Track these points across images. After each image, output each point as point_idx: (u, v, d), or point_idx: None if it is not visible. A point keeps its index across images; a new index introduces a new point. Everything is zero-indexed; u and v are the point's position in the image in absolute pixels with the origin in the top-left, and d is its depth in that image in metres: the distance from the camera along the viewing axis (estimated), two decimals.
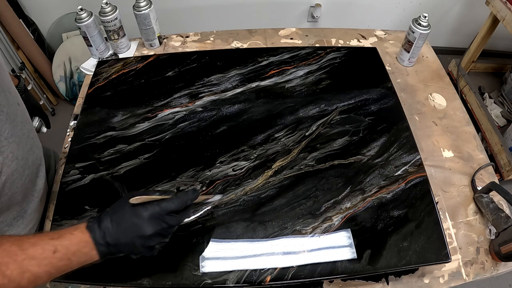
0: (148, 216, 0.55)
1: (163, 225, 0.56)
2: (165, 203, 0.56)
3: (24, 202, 0.71)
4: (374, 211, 0.75)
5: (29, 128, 0.72)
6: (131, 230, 0.54)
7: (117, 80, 0.99)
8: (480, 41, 1.92)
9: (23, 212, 0.72)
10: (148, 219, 0.55)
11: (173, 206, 0.57)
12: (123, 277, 0.67)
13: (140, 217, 0.55)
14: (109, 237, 0.53)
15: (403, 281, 0.77)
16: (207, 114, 0.91)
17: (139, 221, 0.54)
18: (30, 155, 0.70)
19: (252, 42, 1.24)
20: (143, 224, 0.54)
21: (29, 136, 0.71)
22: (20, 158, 0.65)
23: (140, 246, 0.55)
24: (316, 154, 0.83)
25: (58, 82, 2.04)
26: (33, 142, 0.73)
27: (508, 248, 0.75)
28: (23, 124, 0.68)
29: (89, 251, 0.53)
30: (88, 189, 0.78)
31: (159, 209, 0.56)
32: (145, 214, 0.55)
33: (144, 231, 0.54)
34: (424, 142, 0.98)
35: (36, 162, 0.74)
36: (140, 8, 1.10)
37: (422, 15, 1.07)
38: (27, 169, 0.69)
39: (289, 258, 0.69)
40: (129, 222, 0.54)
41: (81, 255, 0.53)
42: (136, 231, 0.54)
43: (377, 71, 1.03)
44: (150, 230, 0.54)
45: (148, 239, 0.55)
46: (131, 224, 0.54)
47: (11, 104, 0.64)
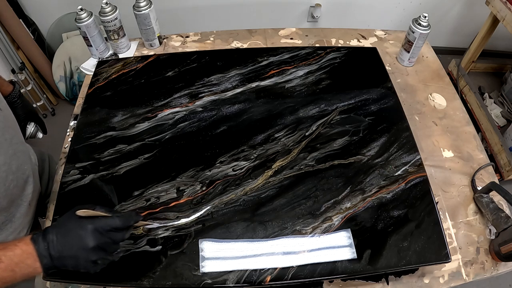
0: (92, 229, 0.56)
1: (106, 239, 0.57)
2: (110, 219, 0.58)
3: (11, 207, 0.71)
4: (374, 211, 0.75)
5: (13, 134, 0.71)
6: (75, 242, 0.55)
7: (117, 80, 0.99)
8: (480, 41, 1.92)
9: (11, 217, 0.72)
10: (92, 232, 0.56)
11: (118, 223, 0.58)
12: (123, 277, 0.67)
13: (84, 229, 0.56)
14: (53, 249, 0.54)
15: (403, 281, 0.77)
16: (207, 114, 0.91)
17: (83, 233, 0.55)
18: (14, 161, 0.70)
19: (252, 42, 1.24)
20: (86, 236, 0.55)
21: (12, 141, 0.70)
22: (1, 163, 0.65)
23: (82, 260, 0.55)
24: (316, 154, 0.83)
25: (58, 82, 2.04)
26: (17, 147, 0.72)
27: (508, 248, 0.75)
28: (5, 129, 0.68)
29: (33, 263, 0.53)
30: (88, 189, 0.78)
31: (104, 223, 0.57)
32: (89, 227, 0.56)
33: (87, 243, 0.55)
34: (424, 142, 0.98)
35: (22, 167, 0.74)
36: (140, 8, 1.10)
37: (422, 15, 1.07)
38: (10, 174, 0.68)
39: (289, 258, 0.69)
40: (73, 234, 0.55)
41: (25, 267, 0.53)
42: (79, 243, 0.55)
43: (377, 71, 1.03)
44: (92, 242, 0.55)
45: (90, 252, 0.55)
46: (75, 236, 0.55)
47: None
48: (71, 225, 0.56)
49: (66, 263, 0.55)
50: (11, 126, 0.72)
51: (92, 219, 0.57)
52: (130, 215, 0.62)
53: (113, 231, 0.58)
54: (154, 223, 0.71)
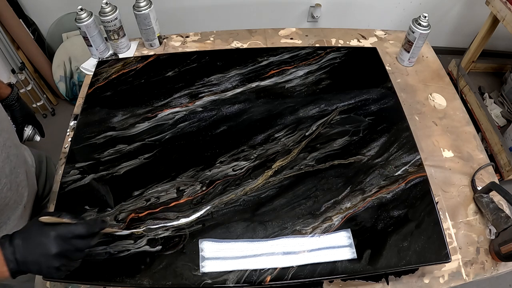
0: (55, 236, 0.55)
1: (68, 247, 0.56)
2: (73, 226, 0.58)
3: (5, 210, 0.71)
4: (374, 211, 0.75)
5: (6, 137, 0.71)
6: (37, 248, 0.55)
7: (117, 80, 0.99)
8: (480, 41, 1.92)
9: (5, 219, 0.72)
10: (54, 238, 0.55)
11: (81, 230, 0.58)
12: (123, 277, 0.67)
13: (46, 236, 0.55)
14: (18, 254, 0.54)
15: (403, 281, 0.77)
16: (207, 114, 0.91)
17: (45, 240, 0.55)
18: (7, 164, 0.70)
19: (252, 42, 1.24)
20: (48, 243, 0.55)
21: (5, 145, 0.70)
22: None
23: (45, 266, 0.55)
24: (316, 154, 0.83)
25: (58, 82, 2.04)
26: (10, 150, 0.72)
27: (508, 248, 0.75)
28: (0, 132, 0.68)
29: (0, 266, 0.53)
30: (88, 189, 0.78)
31: (67, 231, 0.57)
32: (51, 234, 0.55)
33: (49, 249, 0.55)
34: (424, 142, 0.98)
35: (15, 171, 0.73)
36: (140, 8, 1.10)
37: (422, 15, 1.07)
38: (3, 177, 0.68)
39: (289, 258, 0.69)
40: (36, 240, 0.55)
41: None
42: (42, 249, 0.55)
43: (377, 71, 1.03)
44: (54, 249, 0.55)
45: (52, 259, 0.55)
46: (38, 243, 0.55)
47: None
48: (35, 232, 0.56)
49: (30, 268, 0.55)
50: (5, 129, 0.71)
51: (56, 226, 0.57)
52: (95, 222, 0.61)
53: (76, 239, 0.57)
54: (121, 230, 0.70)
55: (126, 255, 0.68)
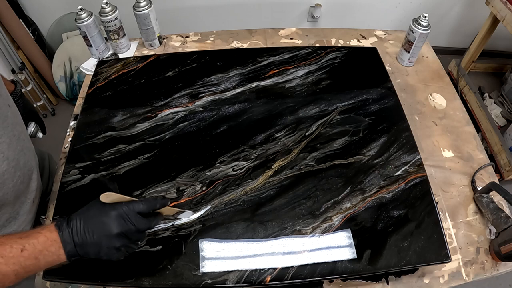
0: (116, 215, 0.55)
1: (130, 226, 0.56)
2: (133, 204, 0.57)
3: (16, 204, 0.71)
4: (374, 211, 0.75)
5: (20, 130, 0.72)
6: (98, 228, 0.54)
7: (117, 80, 0.99)
8: (480, 41, 1.92)
9: (15, 214, 0.72)
10: (115, 218, 0.55)
11: (141, 207, 0.57)
12: (123, 277, 0.67)
13: (107, 215, 0.55)
14: (76, 236, 0.53)
15: (403, 281, 0.77)
16: (207, 114, 0.91)
17: (106, 219, 0.55)
18: (21, 157, 0.70)
19: (252, 42, 1.24)
20: (109, 222, 0.54)
21: (20, 137, 0.71)
22: (11, 159, 0.66)
23: (105, 246, 0.55)
24: (316, 154, 0.83)
25: (58, 82, 2.04)
26: (24, 144, 0.73)
27: (508, 248, 0.75)
28: (13, 125, 0.69)
29: (56, 250, 0.53)
30: (88, 189, 0.78)
31: (127, 209, 0.56)
32: (112, 213, 0.55)
33: (110, 229, 0.54)
34: (424, 142, 0.98)
35: (28, 164, 0.74)
36: (140, 8, 1.10)
37: (422, 15, 1.07)
38: (18, 170, 0.69)
39: (289, 258, 0.69)
40: (96, 220, 0.55)
41: (48, 254, 0.53)
42: (103, 229, 0.54)
43: (377, 71, 1.03)
44: (116, 228, 0.54)
45: (113, 239, 0.55)
46: (98, 222, 0.55)
47: (1, 106, 0.65)
48: (95, 212, 0.56)
49: (88, 250, 0.54)
50: (19, 123, 0.73)
51: (116, 205, 0.56)
52: (155, 199, 0.60)
53: (137, 218, 0.57)
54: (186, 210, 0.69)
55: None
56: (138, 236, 0.58)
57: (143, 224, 0.57)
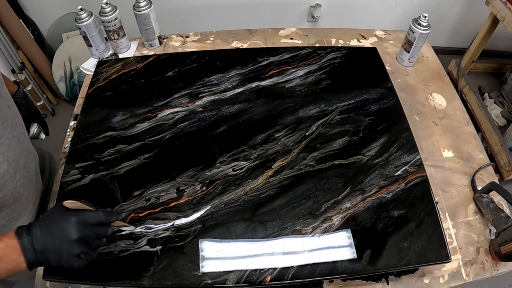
0: (76, 221, 0.55)
1: (89, 233, 0.56)
2: (94, 213, 0.58)
3: (16, 205, 0.71)
4: (374, 211, 0.75)
5: (20, 132, 0.72)
6: (58, 234, 0.54)
7: (117, 80, 0.99)
8: (480, 41, 1.92)
9: (16, 215, 0.72)
10: (75, 224, 0.55)
11: (101, 217, 0.58)
12: (123, 277, 0.67)
13: (67, 221, 0.55)
14: (36, 243, 0.53)
15: (403, 281, 0.77)
16: (207, 114, 0.91)
17: (66, 225, 0.55)
18: (21, 158, 0.70)
19: (252, 42, 1.24)
20: (69, 228, 0.55)
21: (20, 139, 0.71)
22: (10, 160, 0.65)
23: (65, 253, 0.55)
24: (316, 154, 0.83)
25: (58, 82, 2.04)
26: (24, 145, 0.73)
27: (508, 248, 0.75)
28: (13, 127, 0.68)
29: (17, 257, 0.53)
30: (88, 189, 0.78)
31: (87, 216, 0.57)
32: (73, 219, 0.55)
33: (70, 235, 0.54)
34: (424, 142, 0.98)
35: (28, 165, 0.74)
36: (140, 8, 1.10)
37: (422, 15, 1.07)
38: (18, 172, 0.69)
39: (289, 258, 0.69)
40: (56, 226, 0.55)
41: (9, 262, 0.52)
42: (63, 235, 0.54)
43: (377, 71, 1.03)
44: (75, 234, 0.55)
45: (73, 245, 0.55)
46: (58, 228, 0.55)
47: (1, 107, 0.65)
48: (55, 218, 0.56)
49: (49, 257, 0.54)
50: (19, 124, 0.73)
51: (76, 212, 0.57)
52: (112, 212, 0.61)
53: (97, 225, 0.57)
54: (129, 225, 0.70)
55: (126, 255, 0.68)
56: (97, 243, 0.59)
57: (101, 231, 0.58)
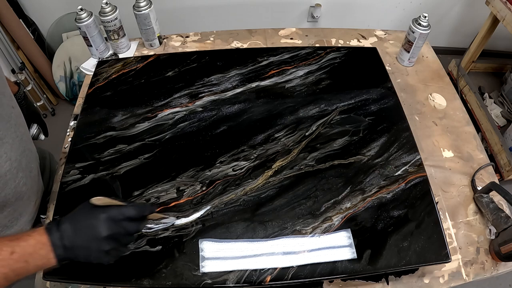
0: (105, 218, 0.55)
1: (119, 229, 0.56)
2: (123, 208, 0.57)
3: (18, 205, 0.71)
4: (374, 211, 0.75)
5: (23, 132, 0.72)
6: (87, 231, 0.54)
7: (117, 80, 0.99)
8: (480, 41, 1.92)
9: (18, 215, 0.72)
10: (105, 221, 0.55)
11: (132, 212, 0.57)
12: (123, 277, 0.67)
13: (97, 218, 0.55)
14: (66, 239, 0.53)
15: (403, 281, 0.77)
16: (207, 114, 0.91)
17: (96, 222, 0.55)
18: (24, 158, 0.70)
19: (252, 42, 1.24)
20: (99, 225, 0.54)
21: (23, 139, 0.71)
22: (13, 160, 0.66)
23: (95, 250, 0.54)
24: (316, 154, 0.83)
25: (58, 82, 2.04)
26: (26, 145, 0.73)
27: (508, 248, 0.75)
28: (16, 126, 0.69)
29: (46, 253, 0.53)
30: (88, 189, 0.78)
31: (117, 212, 0.56)
32: (102, 216, 0.55)
33: (100, 232, 0.54)
34: (424, 142, 0.98)
35: (30, 165, 0.74)
36: (140, 8, 1.10)
37: (422, 15, 1.07)
38: (20, 171, 0.69)
39: (289, 258, 0.69)
40: (86, 223, 0.55)
41: (38, 258, 0.52)
42: (92, 232, 0.54)
43: (377, 71, 1.03)
44: (105, 231, 0.54)
45: (103, 242, 0.54)
46: (88, 225, 0.55)
47: (5, 106, 0.65)
48: (84, 215, 0.56)
49: (78, 253, 0.54)
50: (22, 124, 0.73)
51: (106, 208, 0.56)
52: (144, 205, 0.60)
53: (127, 221, 0.57)
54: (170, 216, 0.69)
55: (126, 255, 0.68)
56: (128, 239, 0.58)
57: (132, 227, 0.58)
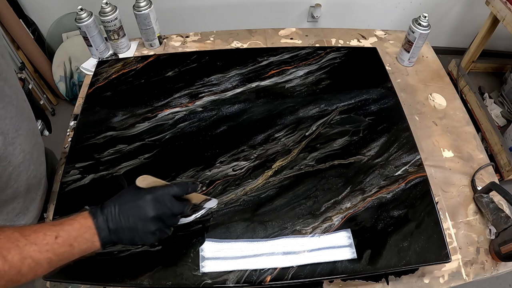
0: (151, 198, 0.55)
1: (165, 209, 0.56)
2: (168, 188, 0.57)
3: (27, 198, 0.72)
4: (374, 211, 0.75)
5: (34, 125, 0.74)
6: (133, 212, 0.54)
7: (117, 80, 0.99)
8: (480, 41, 1.92)
9: (25, 209, 0.73)
10: (151, 201, 0.55)
11: (175, 190, 0.58)
12: (123, 277, 0.67)
13: (143, 199, 0.55)
14: (111, 222, 0.53)
15: (403, 281, 0.77)
16: (207, 114, 0.91)
17: (142, 203, 0.55)
18: (35, 151, 0.72)
19: (252, 42, 1.24)
20: (145, 206, 0.55)
21: (34, 132, 0.73)
22: (26, 152, 0.67)
23: (141, 231, 0.55)
24: (316, 154, 0.83)
25: (58, 82, 2.04)
26: (37, 139, 0.74)
27: (508, 248, 0.75)
28: (29, 119, 0.70)
29: (91, 237, 0.53)
30: (88, 189, 0.78)
31: (162, 192, 0.56)
32: (148, 197, 0.55)
33: (146, 212, 0.54)
34: (424, 142, 0.98)
35: (40, 159, 0.76)
36: (140, 8, 1.10)
37: (422, 15, 1.07)
38: (32, 163, 0.70)
39: (289, 258, 0.69)
40: (132, 204, 0.55)
41: (83, 241, 0.52)
42: (138, 213, 0.54)
43: (377, 71, 1.03)
44: (152, 212, 0.55)
45: (149, 222, 0.55)
46: (134, 206, 0.55)
47: (19, 100, 0.66)
48: (130, 196, 0.56)
49: (123, 235, 0.54)
50: (32, 118, 0.74)
51: (151, 189, 0.57)
52: (187, 183, 0.60)
53: (172, 202, 0.57)
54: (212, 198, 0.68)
55: (126, 255, 0.68)
56: (172, 220, 0.58)
57: (177, 208, 0.58)
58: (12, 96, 0.62)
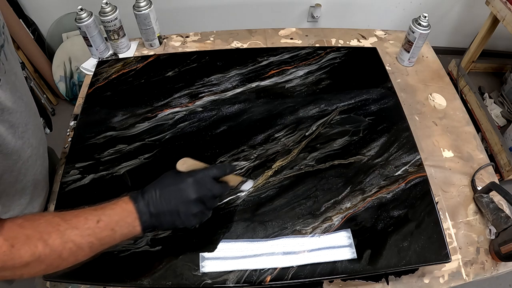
0: (193, 181, 0.56)
1: (206, 191, 0.57)
2: (207, 170, 0.58)
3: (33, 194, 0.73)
4: (374, 211, 0.75)
5: (39, 121, 0.75)
6: (175, 195, 0.55)
7: (117, 80, 0.99)
8: (480, 41, 1.92)
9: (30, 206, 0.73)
10: (193, 183, 0.56)
11: (215, 172, 0.59)
12: (123, 277, 0.67)
13: (184, 182, 0.56)
14: (152, 206, 0.54)
15: (403, 281, 0.77)
16: (207, 114, 0.91)
17: (184, 185, 0.56)
18: (41, 146, 0.73)
19: (252, 42, 1.24)
20: (187, 188, 0.55)
21: (40, 128, 0.73)
22: (34, 146, 0.67)
23: (183, 214, 0.55)
24: (316, 154, 0.83)
25: (58, 82, 2.04)
26: (42, 135, 0.75)
27: (508, 248, 0.75)
28: (35, 115, 0.71)
29: (132, 221, 0.53)
30: (88, 189, 0.78)
31: (202, 174, 0.57)
32: (189, 180, 0.56)
33: (188, 194, 0.55)
34: (424, 142, 0.98)
35: (45, 155, 0.77)
36: (140, 8, 1.10)
37: (422, 15, 1.07)
38: (38, 159, 0.71)
39: (289, 258, 0.69)
40: (173, 188, 0.55)
41: (124, 226, 0.52)
42: (180, 195, 0.55)
43: (377, 71, 1.03)
44: (194, 194, 0.55)
45: (191, 204, 0.55)
46: (175, 189, 0.55)
47: (27, 95, 0.67)
48: (170, 180, 0.57)
49: (164, 219, 0.55)
50: (37, 114, 0.75)
51: (191, 172, 0.58)
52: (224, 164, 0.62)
53: (213, 183, 0.58)
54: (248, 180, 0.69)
55: (126, 255, 0.68)
56: (213, 202, 0.59)
57: (217, 189, 0.59)
58: (21, 91, 0.63)
